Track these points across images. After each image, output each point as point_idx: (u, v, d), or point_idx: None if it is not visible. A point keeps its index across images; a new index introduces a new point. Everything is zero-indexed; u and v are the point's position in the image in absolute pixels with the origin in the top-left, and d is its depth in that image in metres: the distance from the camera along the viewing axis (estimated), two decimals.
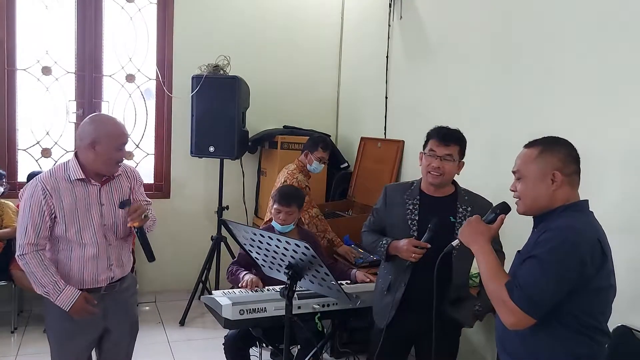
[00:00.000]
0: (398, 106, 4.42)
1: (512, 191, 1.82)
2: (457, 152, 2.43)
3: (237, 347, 3.02)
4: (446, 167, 2.40)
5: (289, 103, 5.30)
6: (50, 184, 2.27)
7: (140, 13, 4.94)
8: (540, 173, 1.73)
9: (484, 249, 1.79)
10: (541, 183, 1.73)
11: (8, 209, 4.20)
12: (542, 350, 1.70)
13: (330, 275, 2.28)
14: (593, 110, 2.67)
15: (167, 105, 4.99)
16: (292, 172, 3.94)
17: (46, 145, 4.78)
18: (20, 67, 4.63)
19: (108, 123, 2.36)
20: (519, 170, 1.79)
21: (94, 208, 2.33)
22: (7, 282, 4.14)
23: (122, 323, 2.50)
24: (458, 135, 2.47)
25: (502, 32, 3.30)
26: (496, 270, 1.74)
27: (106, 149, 2.28)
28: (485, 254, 1.78)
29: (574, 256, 1.60)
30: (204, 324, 4.41)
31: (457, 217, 2.40)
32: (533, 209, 1.77)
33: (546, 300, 1.61)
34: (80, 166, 2.31)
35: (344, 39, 5.44)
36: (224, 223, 2.51)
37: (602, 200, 2.59)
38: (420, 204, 2.46)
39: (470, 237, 1.86)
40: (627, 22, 2.50)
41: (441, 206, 2.44)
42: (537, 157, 1.76)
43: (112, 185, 2.40)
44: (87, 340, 2.43)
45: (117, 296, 2.45)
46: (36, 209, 2.25)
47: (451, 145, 2.41)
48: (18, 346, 3.89)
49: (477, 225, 1.87)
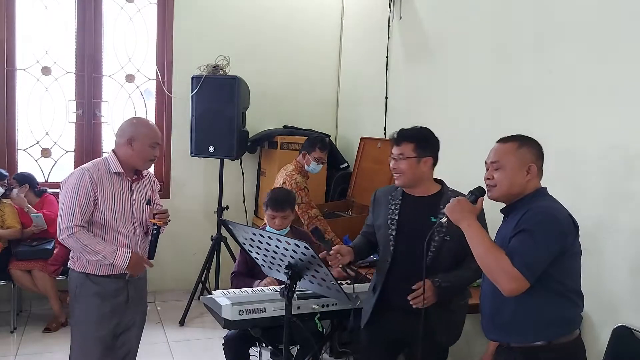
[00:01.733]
0: (398, 106, 4.42)
1: (487, 179, 2.01)
2: (410, 150, 2.39)
3: (236, 347, 3.02)
4: (401, 166, 2.39)
5: (288, 103, 5.30)
6: (96, 175, 2.54)
7: (140, 13, 4.94)
8: (519, 164, 1.95)
9: (475, 226, 1.95)
10: (518, 173, 1.95)
11: (9, 211, 4.19)
12: (534, 315, 1.88)
13: (330, 275, 2.28)
14: (593, 110, 2.66)
15: (167, 105, 4.99)
16: (290, 173, 3.93)
17: (46, 145, 4.78)
18: (20, 67, 4.63)
19: (145, 124, 2.72)
20: (498, 160, 1.98)
21: (127, 201, 2.62)
22: (7, 282, 4.14)
23: (138, 310, 2.75)
24: (411, 133, 2.45)
25: (502, 32, 3.30)
26: (491, 244, 1.90)
27: (142, 146, 2.58)
28: (478, 230, 1.94)
29: (557, 228, 1.85)
30: (204, 324, 4.41)
31: (437, 217, 2.34)
32: (506, 195, 1.98)
33: (540, 264, 1.82)
34: (119, 161, 2.60)
35: (344, 39, 5.44)
36: (223, 223, 2.53)
37: (602, 199, 2.59)
38: (402, 204, 2.46)
39: (460, 215, 1.98)
40: (628, 23, 2.50)
41: (423, 206, 2.42)
42: (516, 150, 1.97)
43: (140, 184, 2.71)
44: (113, 325, 2.62)
45: (137, 283, 2.71)
46: (83, 193, 2.50)
47: (402, 144, 2.41)
48: (17, 346, 3.89)
49: (465, 204, 2.01)
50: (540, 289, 1.85)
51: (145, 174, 2.75)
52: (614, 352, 2.39)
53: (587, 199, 2.62)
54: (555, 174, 2.63)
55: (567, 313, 1.92)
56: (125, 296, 2.64)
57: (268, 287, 2.94)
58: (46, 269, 4.12)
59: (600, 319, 2.53)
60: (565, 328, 1.91)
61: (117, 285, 2.61)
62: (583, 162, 2.70)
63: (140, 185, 2.71)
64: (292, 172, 3.93)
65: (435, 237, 2.35)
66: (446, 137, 3.75)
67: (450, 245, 2.35)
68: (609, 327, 2.45)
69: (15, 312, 4.20)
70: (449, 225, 2.14)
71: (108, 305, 2.59)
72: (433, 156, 2.45)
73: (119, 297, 2.62)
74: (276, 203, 3.08)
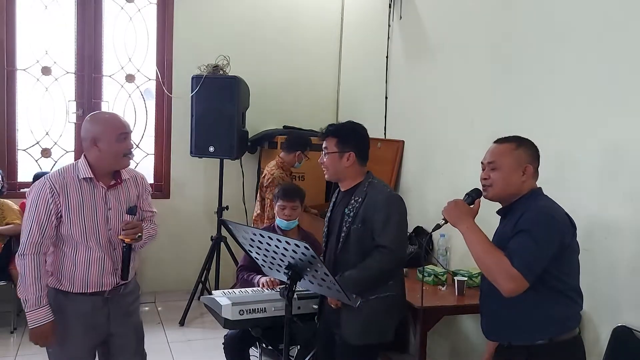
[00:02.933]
0: (398, 106, 4.42)
1: (484, 179, 2.02)
2: (333, 145, 2.45)
3: (236, 347, 3.02)
4: (326, 161, 2.48)
5: (289, 103, 5.30)
6: (59, 183, 2.24)
7: (140, 13, 4.94)
8: (515, 165, 1.97)
9: (473, 227, 1.94)
10: (514, 173, 1.97)
11: (9, 207, 4.19)
12: (535, 313, 1.89)
13: (330, 276, 2.28)
14: (593, 110, 2.66)
15: (167, 105, 4.99)
16: (270, 168, 4.16)
17: (46, 146, 4.78)
18: (20, 67, 4.63)
19: (104, 117, 2.36)
20: (494, 161, 2.00)
21: (100, 211, 2.28)
22: (7, 282, 4.14)
23: (126, 327, 2.43)
24: (335, 128, 2.50)
25: (502, 32, 3.30)
26: (490, 245, 1.90)
27: (108, 143, 2.25)
28: (476, 232, 1.93)
29: (556, 228, 1.87)
30: (204, 324, 4.41)
31: (348, 208, 2.43)
32: (502, 195, 2.00)
33: (539, 264, 1.83)
34: (90, 166, 2.28)
35: (344, 39, 5.44)
36: (223, 223, 2.52)
37: (602, 199, 2.59)
38: (335, 201, 2.58)
39: (458, 217, 1.98)
40: (628, 23, 2.50)
41: (342, 200, 2.52)
42: (513, 151, 1.99)
43: (120, 189, 2.36)
44: (87, 344, 2.36)
45: (120, 300, 2.40)
46: (42, 207, 2.21)
47: (326, 138, 2.47)
48: (17, 346, 3.89)
49: (462, 206, 2.02)
50: (541, 287, 1.86)
51: (126, 176, 2.38)
52: (614, 352, 2.39)
53: (587, 199, 2.62)
54: (556, 174, 2.64)
55: (568, 310, 1.93)
56: (104, 315, 2.33)
57: (268, 287, 2.93)
58: None
59: (600, 319, 2.52)
60: (566, 325, 1.92)
61: (93, 304, 2.31)
62: (583, 162, 2.70)
63: (119, 191, 2.35)
64: (272, 167, 4.13)
65: (344, 228, 2.42)
66: (446, 137, 3.78)
67: (355, 233, 2.39)
68: (609, 327, 2.45)
69: (16, 312, 4.19)
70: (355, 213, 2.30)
71: (81, 325, 2.30)
72: (355, 151, 2.46)
73: (97, 316, 2.32)
74: (288, 193, 3.20)
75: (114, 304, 2.37)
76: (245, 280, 3.09)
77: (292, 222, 3.19)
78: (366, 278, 2.37)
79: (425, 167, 3.98)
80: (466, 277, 3.12)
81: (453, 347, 3.62)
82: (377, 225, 2.37)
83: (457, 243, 3.41)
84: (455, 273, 3.20)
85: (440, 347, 3.63)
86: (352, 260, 2.40)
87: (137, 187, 2.43)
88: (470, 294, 3.04)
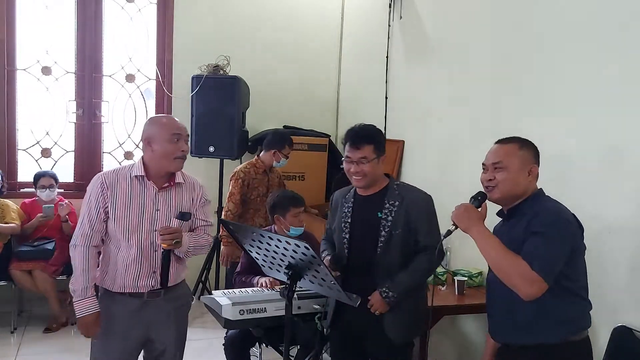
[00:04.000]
0: (398, 106, 4.42)
1: (489, 180, 1.99)
2: (371, 151, 2.37)
3: (237, 347, 3.02)
4: (364, 169, 2.37)
5: (289, 103, 5.30)
6: (110, 179, 2.29)
7: (140, 13, 4.94)
8: (521, 165, 1.96)
9: (485, 232, 1.92)
10: (521, 174, 1.95)
11: (8, 207, 4.19)
12: (550, 314, 1.88)
13: (330, 275, 2.28)
14: (594, 110, 2.66)
15: (167, 105, 4.99)
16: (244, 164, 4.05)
17: (46, 145, 4.78)
18: (20, 67, 4.63)
19: (159, 119, 2.43)
20: (501, 161, 1.97)
21: (148, 211, 2.29)
22: (7, 282, 4.14)
23: (167, 333, 2.41)
24: (368, 134, 2.42)
25: (502, 32, 3.30)
26: (505, 249, 1.86)
27: (160, 143, 2.27)
28: (489, 236, 1.91)
29: (568, 229, 1.87)
30: (204, 324, 4.41)
31: (383, 213, 2.39)
32: (508, 196, 1.97)
33: (557, 265, 1.83)
34: (144, 166, 2.31)
35: (344, 39, 5.44)
36: (223, 223, 2.51)
37: (603, 199, 2.59)
38: (354, 206, 2.48)
39: (469, 222, 1.95)
40: (629, 23, 2.50)
41: (370, 204, 2.44)
42: (518, 152, 1.97)
43: (171, 192, 2.35)
44: (126, 346, 2.35)
45: (162, 305, 2.37)
46: (94, 200, 2.27)
47: (363, 146, 2.37)
48: (18, 346, 3.89)
49: (472, 210, 1.98)
50: (555, 288, 1.84)
51: (182, 180, 2.37)
52: (614, 352, 2.40)
53: (587, 199, 2.62)
54: (556, 174, 2.64)
55: (581, 310, 1.94)
56: (143, 319, 2.33)
57: (268, 287, 2.94)
58: (47, 270, 4.12)
59: (600, 319, 2.52)
60: (579, 325, 1.94)
61: (131, 306, 2.32)
62: (583, 162, 2.70)
63: (171, 194, 2.34)
64: (246, 165, 4.04)
65: (382, 233, 2.37)
66: (446, 138, 3.78)
67: (398, 238, 2.37)
68: (609, 327, 2.45)
69: (16, 312, 4.20)
70: (395, 218, 2.25)
71: (120, 325, 2.32)
72: (385, 153, 2.46)
73: (135, 318, 2.33)
74: (297, 201, 3.14)
75: (153, 309, 2.35)
76: (244, 283, 3.09)
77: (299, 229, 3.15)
78: (418, 280, 2.41)
79: (425, 167, 3.99)
80: (466, 277, 3.13)
81: (453, 347, 3.62)
82: (421, 226, 2.38)
83: (457, 243, 3.40)
84: (455, 273, 3.21)
85: (441, 347, 3.63)
86: (395, 262, 2.38)
87: (192, 193, 2.41)
88: (470, 294, 3.05)
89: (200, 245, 2.42)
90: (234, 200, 3.92)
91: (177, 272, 2.42)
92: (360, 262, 2.43)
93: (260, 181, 4.01)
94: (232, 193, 3.94)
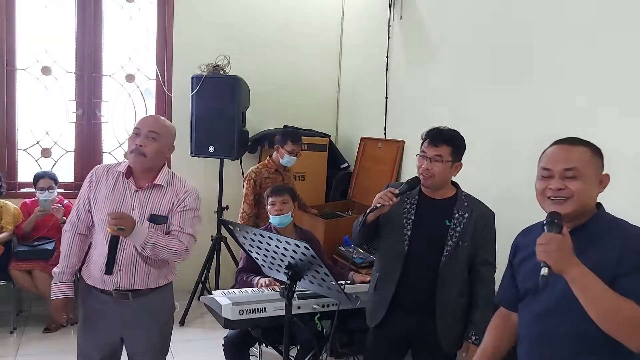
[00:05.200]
0: (398, 106, 4.42)
1: (559, 190, 1.59)
2: (448, 153, 2.35)
3: (236, 347, 3.02)
4: (435, 168, 2.34)
5: (289, 103, 5.30)
6: (100, 172, 2.36)
7: (140, 13, 4.93)
8: (596, 173, 1.62)
9: (586, 272, 1.45)
10: (595, 183, 1.62)
11: (7, 209, 4.18)
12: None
13: (330, 276, 2.28)
14: (595, 110, 2.66)
15: (167, 105, 4.99)
16: (256, 166, 4.15)
17: (46, 145, 4.78)
18: (20, 67, 4.62)
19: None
20: (576, 167, 1.59)
21: (123, 209, 2.27)
22: (7, 282, 4.13)
23: (139, 339, 2.39)
24: (450, 136, 2.39)
25: (502, 32, 3.29)
26: (615, 295, 1.44)
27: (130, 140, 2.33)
28: (593, 278, 1.45)
29: None
30: (204, 324, 4.41)
31: (452, 222, 2.36)
32: (581, 211, 1.60)
33: None
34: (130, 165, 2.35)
35: (344, 39, 5.44)
36: (223, 223, 2.50)
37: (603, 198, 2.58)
38: (418, 204, 2.43)
39: (563, 261, 1.46)
40: (629, 20, 2.50)
41: (438, 209, 2.40)
42: (592, 157, 1.63)
43: (149, 193, 2.32)
44: (101, 340, 2.37)
45: (134, 308, 2.34)
46: (83, 191, 2.38)
47: (441, 145, 2.34)
48: (17, 346, 3.88)
49: (563, 243, 1.48)
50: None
51: (164, 183, 2.33)
52: None
53: None
54: None
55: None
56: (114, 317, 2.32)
57: (268, 287, 2.94)
58: (46, 270, 4.11)
59: None
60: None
61: (104, 303, 2.32)
62: None
63: (150, 195, 2.32)
64: (258, 165, 4.13)
65: (449, 242, 2.34)
66: None
67: (464, 250, 2.35)
68: None
69: (15, 312, 4.19)
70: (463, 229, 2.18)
71: (93, 320, 2.33)
72: (461, 162, 2.43)
73: (107, 315, 2.32)
74: (274, 189, 3.25)
75: (125, 309, 2.33)
76: (244, 282, 3.09)
77: (285, 217, 3.15)
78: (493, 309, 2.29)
79: None
80: None
81: None
82: (486, 241, 2.38)
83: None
84: None
85: None
86: (459, 276, 2.38)
87: (174, 198, 2.34)
88: None
89: (169, 249, 2.28)
90: (247, 201, 4.01)
91: (151, 276, 2.36)
92: (421, 264, 2.37)
93: (273, 180, 4.04)
94: (246, 194, 4.03)
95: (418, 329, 2.41)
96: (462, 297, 2.41)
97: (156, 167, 2.37)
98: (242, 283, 3.09)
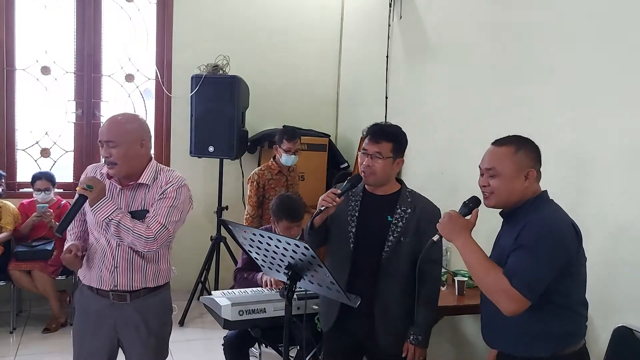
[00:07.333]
0: (398, 106, 4.42)
1: (483, 186, 1.90)
2: (389, 150, 2.32)
3: (236, 347, 3.02)
4: (376, 165, 2.31)
5: (288, 103, 5.30)
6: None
7: (139, 13, 4.94)
8: (516, 170, 1.85)
9: (469, 243, 1.84)
10: (516, 180, 1.85)
11: (7, 210, 4.18)
12: (537, 328, 1.80)
13: (330, 276, 2.27)
14: (595, 110, 2.66)
15: (167, 105, 4.99)
16: (260, 167, 4.17)
17: (45, 145, 4.78)
18: (19, 67, 4.62)
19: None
20: (494, 167, 1.87)
21: None
22: (6, 282, 4.13)
23: (134, 343, 2.36)
24: (390, 132, 2.38)
25: (503, 32, 3.29)
26: (488, 262, 1.80)
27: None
28: (473, 249, 1.83)
29: (560, 244, 1.76)
30: (204, 324, 4.40)
31: (394, 217, 2.34)
32: (505, 203, 1.89)
33: (541, 284, 1.73)
34: None
35: (344, 39, 5.44)
36: (223, 223, 2.51)
37: (601, 200, 2.58)
38: (362, 202, 2.41)
39: (453, 232, 1.88)
40: (629, 22, 2.50)
41: (381, 205, 2.39)
42: (513, 156, 1.86)
43: (134, 192, 2.30)
44: (97, 343, 2.34)
45: (129, 312, 2.32)
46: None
47: (382, 142, 2.32)
48: (17, 346, 3.88)
49: (458, 220, 1.90)
50: (545, 303, 1.77)
51: (148, 182, 2.29)
52: (615, 352, 2.39)
53: (589, 198, 2.62)
54: (556, 174, 2.63)
55: (572, 325, 1.86)
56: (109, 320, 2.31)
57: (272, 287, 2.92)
58: (46, 270, 4.12)
59: (601, 319, 2.52)
60: (570, 340, 1.85)
61: (100, 304, 2.30)
62: (584, 161, 2.69)
63: (135, 193, 2.29)
64: (261, 167, 4.16)
65: (390, 237, 2.32)
66: (446, 138, 3.77)
67: (406, 246, 2.32)
68: (609, 327, 2.44)
69: (15, 312, 4.19)
70: (405, 225, 2.20)
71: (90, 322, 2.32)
72: (403, 157, 2.42)
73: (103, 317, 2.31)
74: (292, 214, 3.04)
75: (121, 313, 2.32)
76: (246, 279, 3.07)
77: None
78: (436, 308, 2.37)
79: (426, 167, 3.98)
80: (466, 278, 3.12)
81: (453, 348, 3.62)
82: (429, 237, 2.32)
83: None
84: (455, 273, 3.20)
85: (441, 348, 3.62)
86: (402, 270, 2.33)
87: (158, 191, 2.29)
88: (470, 294, 3.04)
89: (133, 232, 2.18)
90: (251, 203, 4.03)
91: (148, 274, 2.34)
92: (366, 261, 2.37)
93: (277, 181, 4.04)
94: (249, 196, 4.05)
95: (367, 330, 2.36)
96: (407, 297, 2.34)
97: (137, 167, 2.29)
98: (243, 281, 3.08)
